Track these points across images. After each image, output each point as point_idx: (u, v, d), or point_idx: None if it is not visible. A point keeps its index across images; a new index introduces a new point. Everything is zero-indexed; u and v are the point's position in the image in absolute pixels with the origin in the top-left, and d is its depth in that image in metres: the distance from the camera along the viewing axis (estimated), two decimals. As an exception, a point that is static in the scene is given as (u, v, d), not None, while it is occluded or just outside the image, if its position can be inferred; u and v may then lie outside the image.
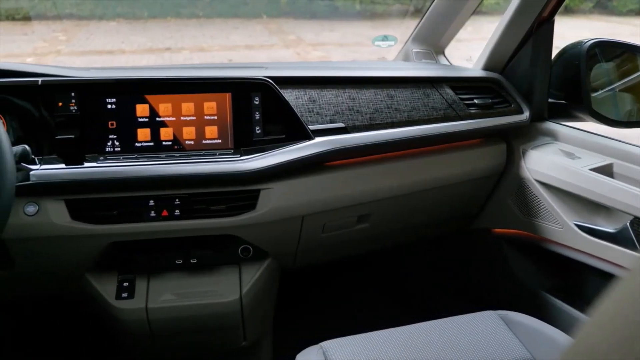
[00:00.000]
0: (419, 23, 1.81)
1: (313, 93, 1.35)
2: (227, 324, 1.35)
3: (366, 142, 1.32)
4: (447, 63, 1.81)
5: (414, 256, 2.03)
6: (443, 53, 1.84)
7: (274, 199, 1.26)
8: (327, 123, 1.32)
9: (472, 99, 1.51)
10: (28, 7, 8.65)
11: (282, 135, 1.28)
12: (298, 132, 1.28)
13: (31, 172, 1.14)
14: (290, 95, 1.32)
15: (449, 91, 1.49)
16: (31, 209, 1.17)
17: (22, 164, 1.12)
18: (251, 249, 1.33)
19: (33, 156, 1.14)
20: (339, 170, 1.34)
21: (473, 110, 1.49)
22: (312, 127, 1.30)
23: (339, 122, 1.33)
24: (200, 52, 6.55)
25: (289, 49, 6.61)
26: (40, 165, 1.17)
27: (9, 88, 1.20)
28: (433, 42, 1.81)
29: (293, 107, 1.29)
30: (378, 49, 2.05)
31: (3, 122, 1.17)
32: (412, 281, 2.06)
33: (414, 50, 1.83)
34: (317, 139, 1.28)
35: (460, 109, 1.48)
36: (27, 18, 8.53)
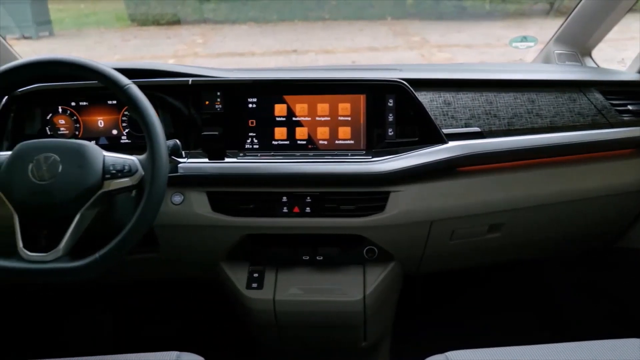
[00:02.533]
0: (563, 22, 1.69)
1: (448, 96, 1.32)
2: (349, 322, 1.36)
3: (503, 148, 1.26)
4: (594, 65, 1.67)
5: (554, 271, 1.90)
6: (590, 55, 1.70)
7: (403, 202, 1.25)
8: (462, 127, 1.29)
9: (625, 104, 1.38)
10: (171, 13, 9.43)
11: (414, 138, 1.26)
12: (431, 136, 1.26)
13: (179, 165, 1.24)
14: (424, 98, 1.30)
15: (599, 96, 1.38)
16: (177, 198, 1.27)
17: (173, 157, 1.22)
18: (376, 250, 1.33)
19: (182, 150, 1.23)
20: (472, 176, 1.29)
21: (626, 118, 1.36)
22: (446, 131, 1.27)
23: (474, 126, 1.29)
24: (325, 54, 6.69)
25: (413, 51, 6.53)
26: (187, 158, 1.27)
27: (164, 87, 1.32)
28: (579, 43, 1.68)
29: (427, 109, 1.27)
30: (509, 51, 1.95)
31: None
32: (550, 298, 1.93)
33: (556, 51, 1.71)
34: (451, 143, 1.25)
35: (611, 115, 1.36)
36: (170, 23, 9.31)
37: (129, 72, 1.10)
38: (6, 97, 1.32)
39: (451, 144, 1.25)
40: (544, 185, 1.34)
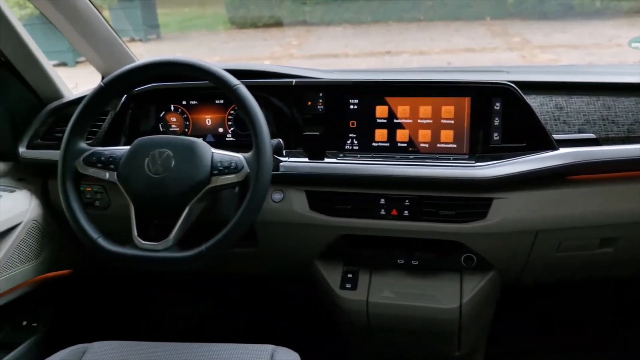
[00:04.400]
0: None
1: (560, 100, 1.24)
2: (443, 330, 1.33)
3: (622, 156, 1.17)
4: None
5: None
6: None
7: (507, 210, 1.20)
8: (575, 133, 1.21)
9: None
10: (268, 15, 9.71)
11: (522, 144, 1.21)
12: (540, 141, 1.19)
13: (281, 164, 1.27)
14: (534, 102, 1.24)
15: None
16: (277, 196, 1.30)
17: (275, 155, 1.25)
18: (475, 258, 1.28)
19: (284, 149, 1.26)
20: (584, 185, 1.21)
21: None
22: (556, 137, 1.20)
23: (589, 132, 1.21)
24: (419, 55, 6.59)
25: (512, 52, 6.26)
26: (288, 157, 1.29)
27: (268, 88, 1.36)
28: None
29: (537, 114, 1.20)
30: (621, 51, 1.81)
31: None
32: None
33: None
34: (562, 150, 1.18)
35: None
36: (267, 25, 9.61)
37: (237, 73, 1.14)
38: (125, 95, 1.42)
39: (562, 150, 1.18)
40: (666, 198, 1.23)
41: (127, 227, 1.10)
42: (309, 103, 1.32)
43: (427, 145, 1.26)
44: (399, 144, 1.27)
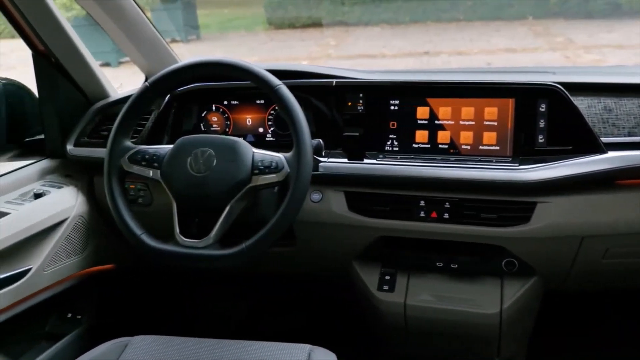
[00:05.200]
0: None
1: (609, 102, 1.21)
2: (482, 336, 1.30)
3: None
4: None
5: None
6: None
7: (552, 214, 1.17)
8: (625, 136, 1.17)
9: None
10: (306, 16, 9.76)
11: (568, 147, 1.17)
12: (588, 144, 1.16)
13: (320, 164, 1.27)
14: (581, 103, 1.20)
15: None
16: (316, 196, 1.30)
17: (315, 156, 1.25)
18: (517, 263, 1.26)
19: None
20: (634, 190, 1.17)
21: None
22: (605, 140, 1.16)
23: (639, 135, 1.17)
24: (458, 56, 6.50)
25: (555, 52, 6.11)
26: (327, 158, 1.29)
27: (309, 88, 1.36)
28: None
29: (584, 116, 1.17)
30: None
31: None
32: None
33: None
34: (611, 154, 1.14)
35: None
36: (305, 26, 9.66)
37: (278, 73, 1.15)
38: (168, 95, 1.44)
39: (611, 154, 1.14)
40: None
41: (168, 224, 1.12)
42: (349, 103, 1.31)
43: (468, 147, 1.24)
44: (440, 146, 1.26)
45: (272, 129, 1.42)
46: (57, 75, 1.41)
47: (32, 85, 1.46)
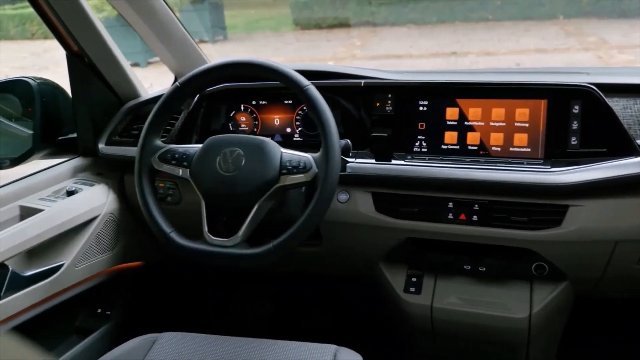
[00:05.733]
0: None
1: (646, 103, 1.17)
2: (511, 340, 1.28)
3: None
4: None
5: None
6: None
7: (584, 218, 1.14)
8: (663, 138, 1.14)
9: None
10: (332, 16, 9.76)
11: (602, 149, 1.15)
12: (623, 147, 1.13)
13: (348, 164, 1.27)
14: (616, 105, 1.17)
15: None
16: (343, 197, 1.30)
17: (342, 156, 1.25)
18: (547, 267, 1.23)
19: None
20: (671, 194, 1.13)
21: None
22: (641, 142, 1.13)
23: None
24: (486, 56, 6.41)
25: (588, 52, 5.98)
26: (355, 158, 1.29)
27: (337, 88, 1.36)
28: None
29: (619, 118, 1.14)
30: None
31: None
32: None
33: None
34: None
35: None
36: (331, 26, 9.66)
37: (306, 73, 1.15)
38: (197, 95, 1.46)
39: None
40: None
41: (195, 223, 1.13)
42: (378, 104, 1.31)
43: (499, 149, 1.22)
44: (470, 147, 1.24)
45: (299, 129, 1.42)
46: (90, 75, 1.44)
47: (64, 85, 1.50)
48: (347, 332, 1.82)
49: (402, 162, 1.26)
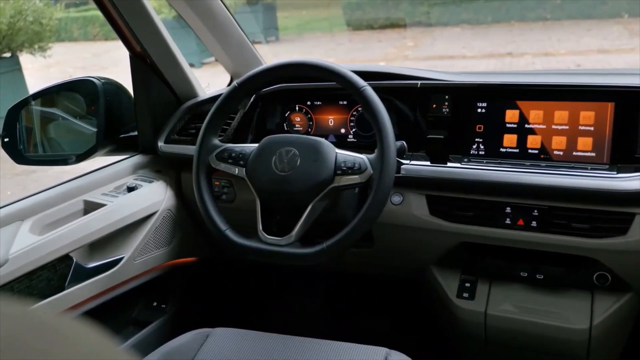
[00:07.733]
0: None
1: None
2: (568, 353, 1.24)
3: None
4: None
5: None
6: None
7: (653, 227, 1.09)
8: None
9: None
10: (384, 17, 9.71)
11: None
12: None
13: (402, 166, 1.26)
14: (691, 108, 1.11)
15: None
16: (397, 198, 1.29)
17: (397, 158, 1.24)
18: (609, 277, 1.18)
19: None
20: None
21: None
22: None
23: None
24: (544, 57, 6.21)
25: (653, 53, 5.70)
26: (410, 160, 1.28)
27: (393, 89, 1.35)
28: None
29: None
30: None
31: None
32: None
33: None
34: None
35: None
36: (382, 27, 9.61)
37: (361, 74, 1.14)
38: (254, 95, 1.48)
39: None
40: None
41: (249, 221, 1.15)
42: (434, 106, 1.29)
43: (561, 153, 1.18)
44: (530, 151, 1.20)
45: (354, 130, 1.42)
46: (151, 76, 1.48)
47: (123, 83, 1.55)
48: (397, 335, 1.80)
49: (458, 164, 1.24)
